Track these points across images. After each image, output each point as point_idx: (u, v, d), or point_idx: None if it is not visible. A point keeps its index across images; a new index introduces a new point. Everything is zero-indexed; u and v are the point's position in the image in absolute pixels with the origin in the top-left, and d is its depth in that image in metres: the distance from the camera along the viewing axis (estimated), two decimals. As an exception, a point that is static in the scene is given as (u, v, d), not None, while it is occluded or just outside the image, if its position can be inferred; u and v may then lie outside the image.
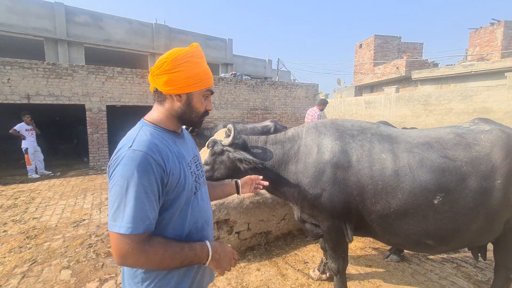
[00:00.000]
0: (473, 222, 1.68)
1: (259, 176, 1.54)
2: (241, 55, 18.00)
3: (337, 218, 1.91)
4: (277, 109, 11.78)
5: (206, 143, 2.24)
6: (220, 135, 2.25)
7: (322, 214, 1.94)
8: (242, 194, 1.45)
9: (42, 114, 9.43)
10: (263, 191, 2.98)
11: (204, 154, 2.17)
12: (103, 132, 8.24)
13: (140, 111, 8.67)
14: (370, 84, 17.74)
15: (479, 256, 2.03)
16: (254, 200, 2.98)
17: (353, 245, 3.15)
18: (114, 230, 0.79)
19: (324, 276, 2.50)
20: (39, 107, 7.98)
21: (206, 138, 3.00)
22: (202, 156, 2.14)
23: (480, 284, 2.46)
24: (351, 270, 2.65)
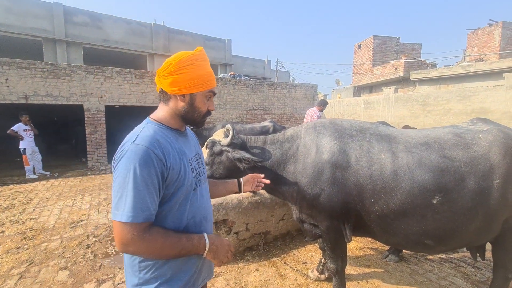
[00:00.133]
0: (471, 222, 1.68)
1: (261, 174, 1.56)
2: (240, 56, 18.00)
3: (335, 218, 1.90)
4: (276, 109, 11.79)
5: (205, 144, 2.23)
6: (218, 135, 2.25)
7: (320, 214, 1.93)
8: (244, 191, 1.49)
9: (40, 115, 9.39)
10: (262, 191, 2.98)
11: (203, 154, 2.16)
12: (102, 132, 8.22)
13: (138, 112, 8.72)
14: (368, 84, 17.77)
15: (478, 256, 2.04)
16: (252, 200, 2.97)
17: (351, 245, 3.15)
18: (117, 218, 0.85)
19: (322, 276, 2.50)
20: (37, 108, 7.95)
21: (205, 139, 2.99)
22: (202, 156, 2.13)
23: (478, 284, 2.46)
24: (350, 270, 2.65)
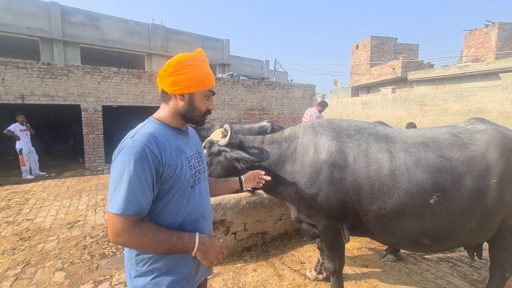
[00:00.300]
0: (468, 221, 1.68)
1: (261, 171, 1.58)
2: (238, 56, 18.01)
3: (333, 218, 1.90)
4: (274, 109, 11.79)
5: (203, 144, 2.22)
6: (216, 136, 2.23)
7: (318, 214, 1.93)
8: (245, 188, 1.51)
9: (37, 115, 9.33)
10: (260, 191, 2.97)
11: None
12: (99, 132, 8.18)
13: (136, 112, 8.69)
14: (366, 84, 17.84)
15: (475, 255, 2.04)
16: (250, 200, 2.97)
17: (349, 245, 3.15)
18: (109, 210, 0.89)
19: (321, 276, 2.50)
20: (34, 108, 7.90)
21: (203, 139, 2.97)
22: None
23: (475, 283, 2.47)
24: (348, 270, 2.65)
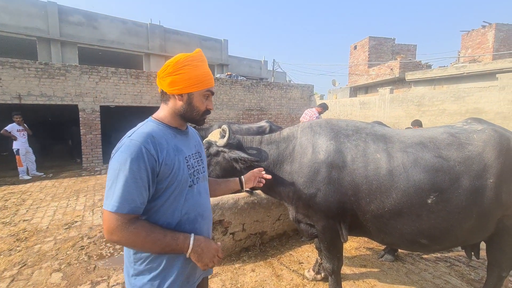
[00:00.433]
0: (466, 221, 1.69)
1: (261, 169, 1.58)
2: (236, 56, 17.99)
3: (331, 218, 1.90)
4: (272, 109, 11.80)
5: (201, 144, 2.21)
6: (214, 136, 2.23)
7: (317, 214, 1.93)
8: (245, 188, 1.52)
9: (34, 115, 9.29)
10: (258, 192, 2.97)
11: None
12: (97, 133, 8.14)
13: (134, 112, 8.66)
14: (364, 85, 17.87)
15: (472, 255, 2.05)
16: (249, 200, 2.96)
17: (347, 245, 3.15)
18: (104, 207, 0.91)
19: (319, 276, 2.50)
20: (31, 108, 7.85)
21: (201, 139, 2.97)
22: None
23: (473, 282, 2.48)
24: (346, 270, 2.65)
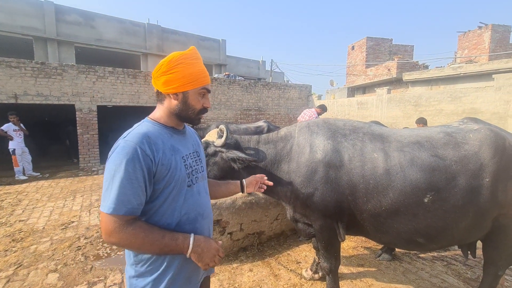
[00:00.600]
0: (462, 220, 1.69)
1: (263, 175, 1.56)
2: (234, 56, 17.95)
3: (329, 217, 1.90)
4: (270, 110, 11.80)
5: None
6: (211, 136, 2.22)
7: (314, 213, 1.93)
8: (246, 193, 1.48)
9: (30, 115, 9.21)
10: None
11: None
12: (94, 132, 8.10)
13: (131, 112, 8.62)
14: (362, 85, 17.93)
15: (469, 253, 2.06)
16: (246, 200, 2.96)
17: (345, 244, 3.16)
18: (101, 209, 0.90)
19: (316, 275, 2.50)
20: (28, 107, 7.79)
21: (199, 139, 2.96)
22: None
23: (469, 281, 2.50)
24: (343, 269, 2.66)
